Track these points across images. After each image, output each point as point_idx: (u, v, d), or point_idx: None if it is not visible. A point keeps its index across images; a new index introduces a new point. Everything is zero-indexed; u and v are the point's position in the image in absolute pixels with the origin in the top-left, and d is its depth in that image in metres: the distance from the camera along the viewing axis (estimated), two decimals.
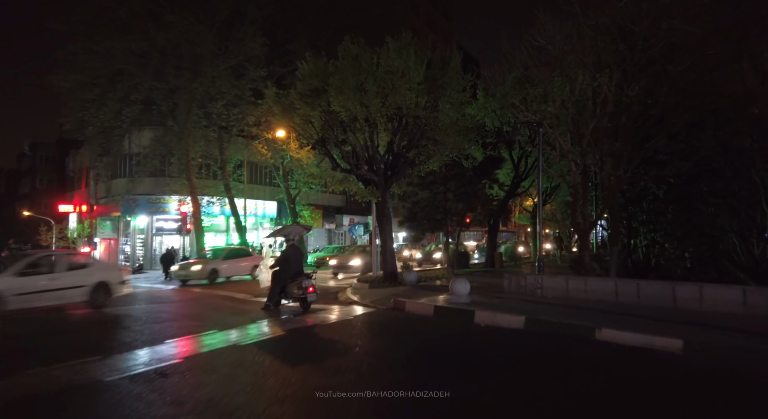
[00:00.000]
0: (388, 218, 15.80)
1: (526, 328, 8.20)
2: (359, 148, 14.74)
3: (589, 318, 8.30)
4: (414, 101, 13.30)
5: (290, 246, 11.88)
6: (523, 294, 11.49)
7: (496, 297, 11.45)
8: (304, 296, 11.16)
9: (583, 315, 8.61)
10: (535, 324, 8.28)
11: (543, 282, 11.24)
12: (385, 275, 15.85)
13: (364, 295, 13.45)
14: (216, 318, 10.50)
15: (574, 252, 24.93)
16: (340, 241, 42.10)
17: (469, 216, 19.96)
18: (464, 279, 10.65)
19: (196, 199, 25.66)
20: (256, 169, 33.79)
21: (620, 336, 7.22)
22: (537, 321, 8.32)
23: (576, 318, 8.30)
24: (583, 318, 8.36)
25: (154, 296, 15.03)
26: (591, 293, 10.42)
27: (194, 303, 13.43)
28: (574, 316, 8.51)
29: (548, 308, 9.63)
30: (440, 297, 11.53)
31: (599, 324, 7.69)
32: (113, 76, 23.41)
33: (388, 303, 11.16)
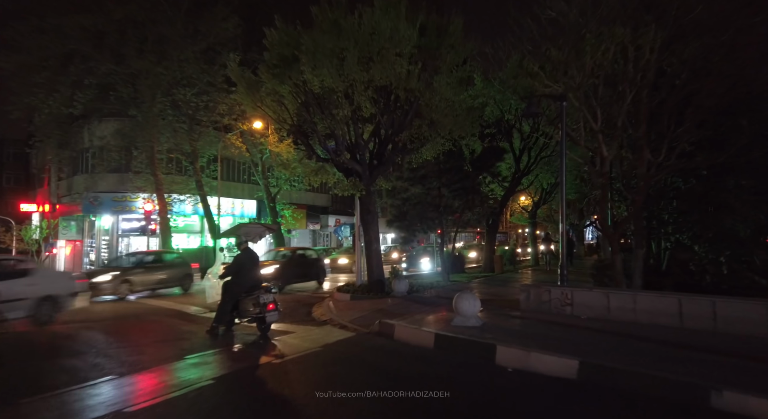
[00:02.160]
0: (374, 216, 12.92)
1: (582, 378, 5.22)
2: (339, 131, 11.83)
3: (678, 365, 5.25)
4: (405, 69, 10.44)
5: (245, 251, 8.97)
6: (547, 313, 8.67)
7: (512, 316, 8.62)
8: (262, 315, 8.30)
9: (660, 356, 5.73)
10: (596, 372, 5.21)
11: (573, 296, 8.43)
12: (371, 283, 12.98)
13: (344, 310, 10.57)
14: (142, 345, 7.56)
15: (600, 258, 22.11)
16: (326, 243, 39.10)
17: (465, 215, 17.17)
18: (471, 296, 7.80)
19: (162, 196, 22.55)
20: (233, 165, 30.74)
21: (760, 406, 4.19)
22: (598, 369, 5.23)
23: (655, 364, 5.31)
24: (664, 362, 5.43)
25: (104, 312, 11.93)
26: (642, 314, 7.62)
27: (132, 322, 10.37)
28: (646, 357, 5.66)
29: (596, 340, 6.80)
30: (440, 315, 8.67)
31: (710, 379, 4.68)
32: (65, 57, 20.25)
33: (373, 326, 8.27)
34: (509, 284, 15.38)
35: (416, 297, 11.99)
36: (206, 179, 25.09)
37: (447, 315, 8.66)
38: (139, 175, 22.90)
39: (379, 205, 26.82)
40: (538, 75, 9.78)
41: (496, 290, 13.49)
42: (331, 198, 38.72)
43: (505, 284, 15.33)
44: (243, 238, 9.08)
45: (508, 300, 11.09)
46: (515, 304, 9.77)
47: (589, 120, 9.63)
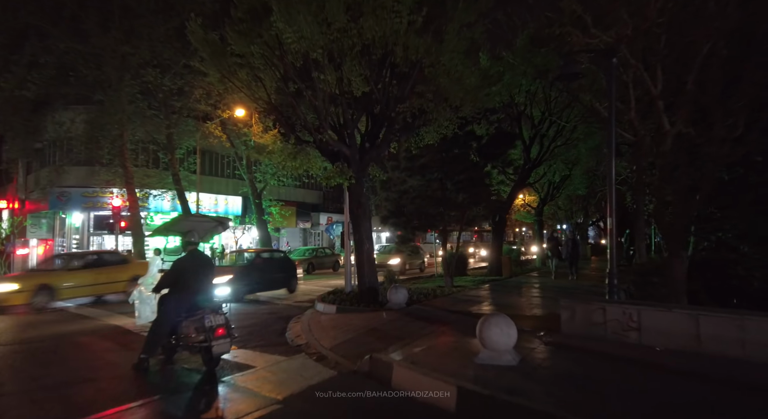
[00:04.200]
0: (366, 210, 10.33)
1: None
2: (320, 103, 9.21)
3: None
4: (406, 20, 7.84)
5: (189, 254, 6.39)
6: (602, 340, 6.12)
7: (555, 345, 6.06)
8: (208, 344, 5.74)
9: None
10: None
11: (641, 318, 5.88)
12: (361, 291, 10.42)
13: (327, 328, 7.99)
14: (20, 394, 4.92)
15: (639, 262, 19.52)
16: (317, 242, 36.43)
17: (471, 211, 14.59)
18: (504, 320, 5.24)
19: (133, 190, 19.79)
20: (216, 158, 28.05)
21: None
22: None
23: None
24: None
25: (5, 330, 9.19)
26: (754, 346, 5.10)
27: (37, 346, 7.66)
28: None
29: (721, 399, 4.27)
30: (454, 342, 6.12)
31: None
32: (18, 34, 17.51)
33: (362, 362, 5.69)
34: (527, 292, 12.77)
35: (417, 310, 9.42)
36: (185, 173, 22.40)
37: (464, 342, 6.10)
38: (107, 167, 20.17)
39: (373, 203, 24.19)
40: (581, 19, 7.20)
41: (514, 300, 10.92)
42: (323, 195, 36.06)
43: (522, 292, 12.72)
44: (190, 237, 6.47)
45: (537, 317, 8.55)
46: (550, 323, 7.23)
47: (647, 81, 7.08)
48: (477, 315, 8.84)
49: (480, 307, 9.86)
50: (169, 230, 6.65)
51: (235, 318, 9.87)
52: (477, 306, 9.91)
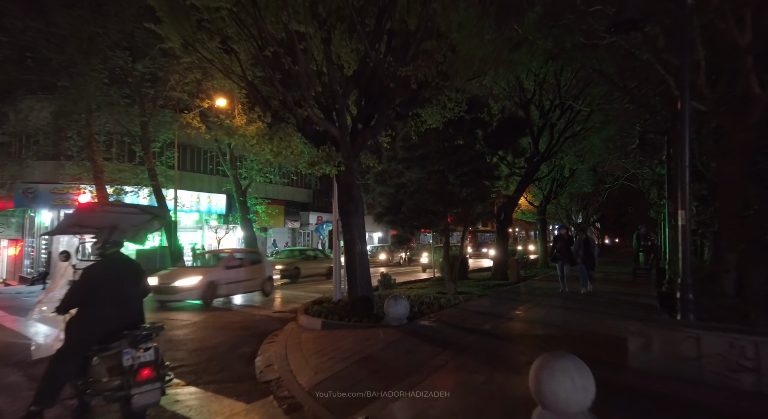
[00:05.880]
0: (358, 204, 8.29)
1: None
2: (303, 68, 7.17)
3: None
4: None
5: (105, 260, 4.33)
6: (701, 382, 4.17)
7: (633, 394, 4.10)
8: (127, 393, 3.69)
9: None
10: None
11: (760, 355, 3.94)
12: (353, 301, 8.38)
13: (308, 355, 5.95)
14: None
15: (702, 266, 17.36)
16: (307, 242, 34.30)
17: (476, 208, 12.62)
18: (574, 364, 3.26)
19: (102, 186, 17.60)
20: (198, 154, 25.84)
21: None
22: None
23: None
24: None
25: None
26: None
27: None
28: None
29: None
30: (485, 386, 4.14)
31: None
32: None
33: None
34: (545, 302, 10.37)
35: (422, 328, 7.41)
36: (162, 168, 20.14)
37: (498, 385, 4.11)
38: (73, 160, 17.94)
39: (366, 201, 22.12)
40: None
41: (536, 314, 8.89)
42: (312, 193, 33.91)
43: (540, 302, 10.41)
44: (106, 236, 4.39)
45: (581, 340, 6.56)
46: (606, 352, 5.26)
47: (733, 28, 5.16)
48: (501, 337, 6.88)
49: (499, 324, 7.87)
50: (75, 226, 4.53)
51: (196, 336, 7.82)
52: (495, 323, 7.91)
